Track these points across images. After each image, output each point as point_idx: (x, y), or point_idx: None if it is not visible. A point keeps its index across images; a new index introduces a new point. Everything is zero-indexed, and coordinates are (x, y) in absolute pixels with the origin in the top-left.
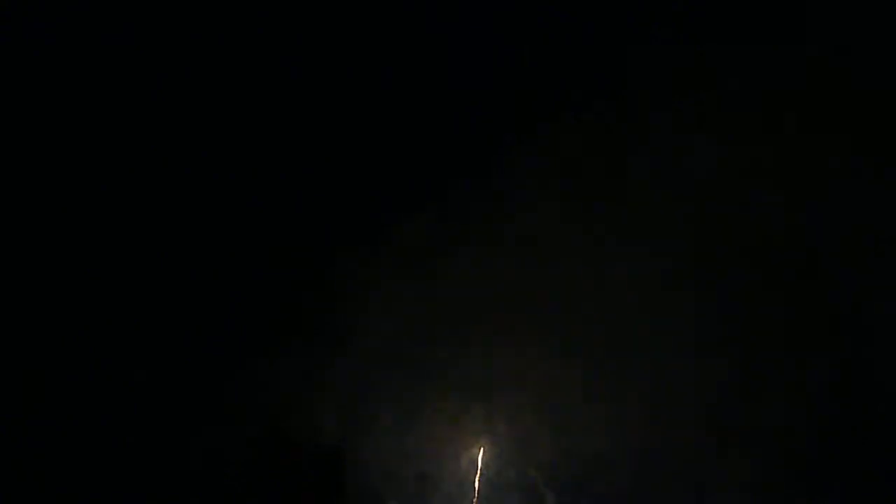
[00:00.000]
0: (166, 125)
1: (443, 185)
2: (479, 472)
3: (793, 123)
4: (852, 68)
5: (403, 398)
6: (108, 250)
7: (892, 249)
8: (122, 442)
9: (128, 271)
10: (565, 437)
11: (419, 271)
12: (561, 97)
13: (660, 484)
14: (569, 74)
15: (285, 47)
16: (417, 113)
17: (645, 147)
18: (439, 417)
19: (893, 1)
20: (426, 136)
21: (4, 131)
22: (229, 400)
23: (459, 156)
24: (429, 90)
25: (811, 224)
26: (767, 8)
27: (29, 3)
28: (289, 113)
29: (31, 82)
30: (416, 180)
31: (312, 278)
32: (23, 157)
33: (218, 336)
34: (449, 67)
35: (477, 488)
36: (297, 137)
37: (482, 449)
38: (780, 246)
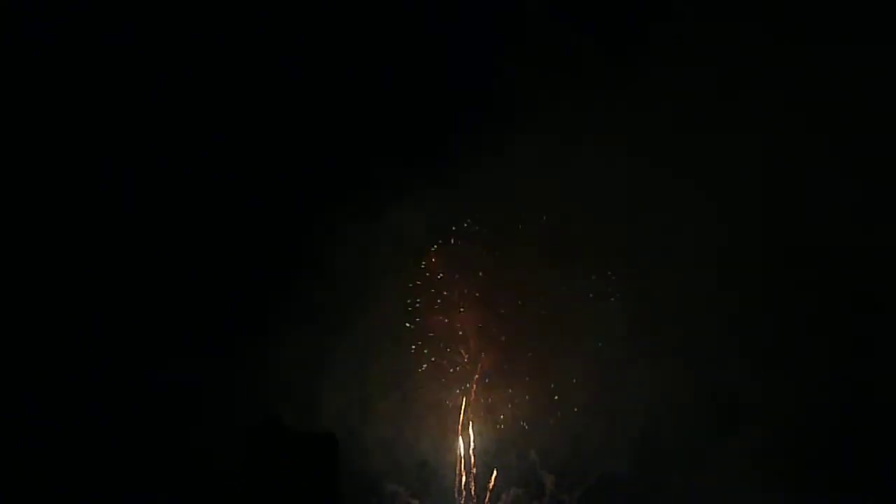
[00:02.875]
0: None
1: (443, 173)
2: (460, 460)
3: None
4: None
5: (403, 386)
6: (106, 248)
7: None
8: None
9: (127, 268)
10: (564, 421)
11: (417, 259)
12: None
13: (657, 468)
14: None
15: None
16: (415, 108)
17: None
18: (439, 405)
19: None
20: (429, 124)
21: (5, 132)
22: (228, 390)
23: (461, 149)
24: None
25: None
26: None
27: (29, 3)
28: (286, 107)
29: (31, 82)
30: (416, 168)
31: (311, 266)
32: (22, 158)
33: (216, 326)
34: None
35: (463, 473)
36: (296, 133)
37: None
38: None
